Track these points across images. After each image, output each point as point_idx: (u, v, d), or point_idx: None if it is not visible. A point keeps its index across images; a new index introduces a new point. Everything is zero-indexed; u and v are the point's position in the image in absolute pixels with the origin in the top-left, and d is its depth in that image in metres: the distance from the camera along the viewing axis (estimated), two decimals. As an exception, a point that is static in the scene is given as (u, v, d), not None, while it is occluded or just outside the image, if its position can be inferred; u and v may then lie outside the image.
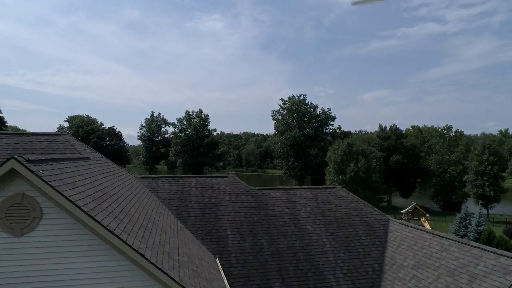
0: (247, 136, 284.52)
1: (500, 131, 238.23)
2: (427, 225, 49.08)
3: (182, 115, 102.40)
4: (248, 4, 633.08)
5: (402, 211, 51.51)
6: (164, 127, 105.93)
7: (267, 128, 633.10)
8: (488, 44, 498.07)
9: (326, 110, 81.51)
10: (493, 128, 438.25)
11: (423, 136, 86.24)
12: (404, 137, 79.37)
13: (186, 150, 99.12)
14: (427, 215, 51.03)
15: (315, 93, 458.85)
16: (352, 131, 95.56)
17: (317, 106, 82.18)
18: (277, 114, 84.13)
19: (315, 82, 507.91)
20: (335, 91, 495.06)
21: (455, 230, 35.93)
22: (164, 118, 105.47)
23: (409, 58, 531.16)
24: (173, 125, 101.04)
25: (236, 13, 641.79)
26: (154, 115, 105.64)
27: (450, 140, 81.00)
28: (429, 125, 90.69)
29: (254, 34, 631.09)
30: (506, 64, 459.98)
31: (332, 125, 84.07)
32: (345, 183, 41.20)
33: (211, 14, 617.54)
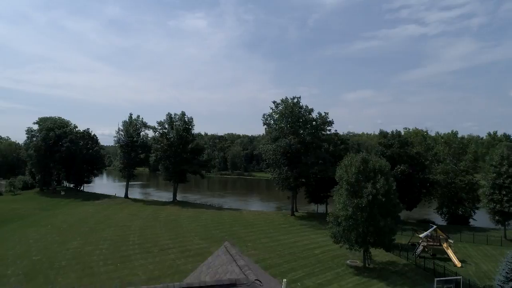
0: (233, 138, 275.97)
1: (489, 134, 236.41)
2: (450, 253, 41.86)
3: (169, 114, 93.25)
4: (232, 3, 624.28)
5: (419, 235, 44.20)
6: (144, 130, 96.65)
7: (253, 129, 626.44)
8: (468, 46, 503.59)
9: (323, 114, 73.91)
10: (472, 128, 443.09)
11: (427, 143, 79.66)
12: (409, 145, 72.48)
13: (167, 157, 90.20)
14: (450, 240, 43.79)
15: (299, 93, 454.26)
16: (339, 132, 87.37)
17: (312, 110, 74.53)
18: (269, 118, 76.09)
19: (299, 82, 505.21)
20: (319, 91, 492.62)
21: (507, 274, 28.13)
22: (144, 121, 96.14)
23: (391, 59, 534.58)
24: (154, 128, 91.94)
25: (220, 12, 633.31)
26: (133, 118, 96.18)
27: (456, 148, 74.47)
28: (411, 127, 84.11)
29: (238, 34, 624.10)
30: (484, 66, 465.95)
31: (329, 130, 76.59)
32: (360, 210, 33.34)
33: (195, 13, 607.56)
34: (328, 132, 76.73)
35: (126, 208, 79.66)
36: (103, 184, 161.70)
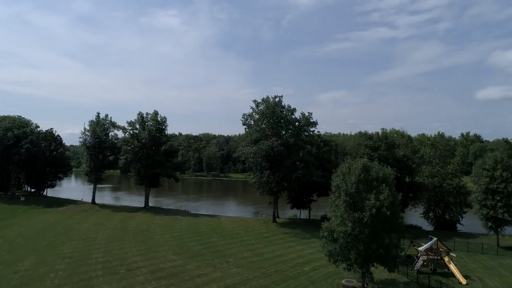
0: (208, 138, 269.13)
1: (462, 135, 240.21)
2: (453, 268, 38.00)
3: (140, 113, 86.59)
4: (206, 2, 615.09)
5: (418, 249, 40.23)
6: (113, 131, 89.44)
7: (229, 129, 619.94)
8: (435, 49, 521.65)
9: (307, 114, 69.41)
10: (440, 128, 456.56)
11: (413, 145, 76.63)
12: (396, 147, 69.12)
13: (139, 159, 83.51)
14: (453, 254, 39.99)
15: (274, 92, 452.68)
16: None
17: (295, 110, 69.95)
18: (249, 118, 70.94)
19: (274, 82, 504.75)
20: (293, 91, 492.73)
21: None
22: (113, 120, 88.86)
23: (363, 60, 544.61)
24: (123, 129, 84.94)
25: (194, 10, 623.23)
26: (101, 117, 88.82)
27: (443, 150, 71.70)
28: (383, 127, 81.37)
29: (212, 32, 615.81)
30: (450, 68, 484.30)
31: (313, 131, 72.17)
32: (362, 225, 28.74)
33: (167, 10, 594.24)
34: (311, 134, 72.29)
35: (92, 216, 72.63)
36: (71, 188, 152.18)
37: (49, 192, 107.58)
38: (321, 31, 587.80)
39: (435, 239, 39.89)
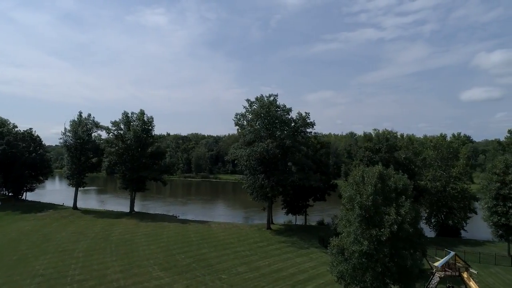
0: (197, 138, 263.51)
1: (453, 135, 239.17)
2: (473, 285, 34.04)
3: (125, 113, 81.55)
4: (194, 1, 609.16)
5: (434, 264, 36.30)
6: (96, 131, 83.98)
7: (218, 129, 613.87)
8: (421, 51, 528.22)
9: (304, 114, 65.22)
10: (426, 128, 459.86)
11: (414, 147, 72.98)
12: (397, 149, 65.40)
13: (123, 162, 78.30)
14: (473, 270, 36.08)
15: (262, 92, 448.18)
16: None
17: (290, 110, 65.71)
18: (242, 118, 66.43)
19: (263, 82, 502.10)
20: (281, 91, 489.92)
21: None
22: (96, 120, 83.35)
23: (351, 61, 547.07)
24: (107, 129, 79.57)
25: (182, 9, 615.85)
26: (83, 116, 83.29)
27: (445, 152, 68.15)
28: (368, 127, 77.88)
29: (201, 32, 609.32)
30: (436, 70, 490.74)
31: (310, 132, 68.02)
32: (379, 243, 24.52)
33: (154, 8, 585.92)
34: (308, 135, 68.14)
35: (72, 224, 67.32)
36: (55, 190, 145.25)
37: (29, 196, 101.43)
38: (309, 32, 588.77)
39: (452, 253, 35.93)
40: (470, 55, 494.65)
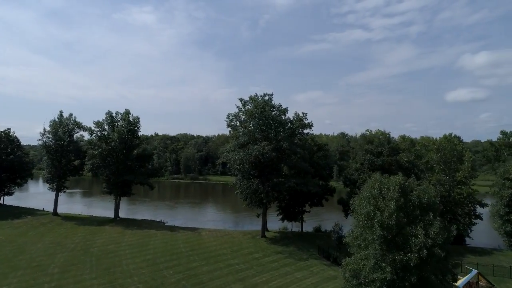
0: (186, 138, 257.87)
1: (445, 136, 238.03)
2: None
3: (109, 113, 76.61)
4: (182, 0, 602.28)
5: (455, 284, 32.55)
6: (78, 132, 78.72)
7: (207, 129, 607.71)
8: (408, 52, 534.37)
9: (301, 114, 61.18)
10: (412, 128, 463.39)
11: (416, 150, 69.52)
12: (400, 152, 61.82)
13: (107, 165, 73.28)
14: (497, 291, 32.39)
15: (251, 92, 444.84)
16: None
17: (287, 110, 61.65)
18: (235, 119, 62.09)
19: (252, 82, 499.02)
20: (271, 91, 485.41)
21: None
22: (77, 120, 78.06)
23: (339, 61, 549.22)
24: (89, 130, 74.40)
25: (170, 8, 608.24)
26: (64, 116, 77.99)
27: (449, 155, 64.77)
28: (356, 127, 74.35)
29: (189, 31, 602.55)
30: (422, 70, 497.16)
31: (307, 134, 64.03)
32: (404, 269, 20.46)
33: (142, 7, 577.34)
34: (305, 137, 64.14)
35: (50, 232, 62.25)
36: (36, 193, 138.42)
37: (8, 200, 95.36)
38: (298, 32, 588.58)
39: (475, 271, 32.31)
40: (455, 57, 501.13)
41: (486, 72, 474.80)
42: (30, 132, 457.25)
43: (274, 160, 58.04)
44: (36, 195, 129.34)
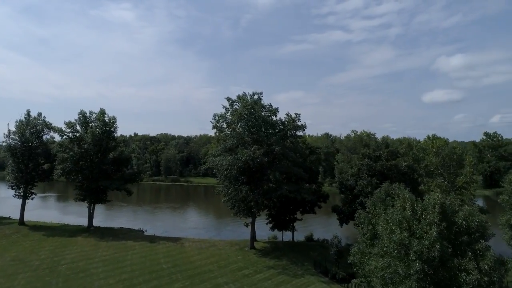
0: (167, 139, 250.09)
1: (428, 137, 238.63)
2: None
3: (82, 112, 70.21)
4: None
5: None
6: (48, 133, 71.83)
7: (189, 129, 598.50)
8: (386, 53, 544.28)
9: (294, 115, 56.48)
10: (390, 129, 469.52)
11: (414, 153, 65.84)
12: (399, 156, 57.87)
13: (80, 169, 66.80)
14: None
15: (232, 92, 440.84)
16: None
17: (277, 110, 56.86)
18: (221, 120, 56.84)
19: (233, 82, 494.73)
20: (252, 90, 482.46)
21: None
22: (47, 120, 71.17)
23: (320, 62, 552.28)
24: (60, 131, 67.69)
25: (149, 5, 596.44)
26: (32, 116, 71.01)
27: (447, 159, 61.34)
28: (337, 128, 70.93)
29: (170, 29, 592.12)
30: (401, 72, 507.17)
31: (300, 136, 59.38)
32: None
33: (120, 3, 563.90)
34: (297, 139, 59.49)
35: (15, 245, 55.60)
36: (7, 198, 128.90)
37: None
38: (280, 32, 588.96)
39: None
40: (432, 59, 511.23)
41: (461, 74, 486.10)
42: (6, 131, 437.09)
43: (264, 165, 53.10)
44: (4, 199, 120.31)
